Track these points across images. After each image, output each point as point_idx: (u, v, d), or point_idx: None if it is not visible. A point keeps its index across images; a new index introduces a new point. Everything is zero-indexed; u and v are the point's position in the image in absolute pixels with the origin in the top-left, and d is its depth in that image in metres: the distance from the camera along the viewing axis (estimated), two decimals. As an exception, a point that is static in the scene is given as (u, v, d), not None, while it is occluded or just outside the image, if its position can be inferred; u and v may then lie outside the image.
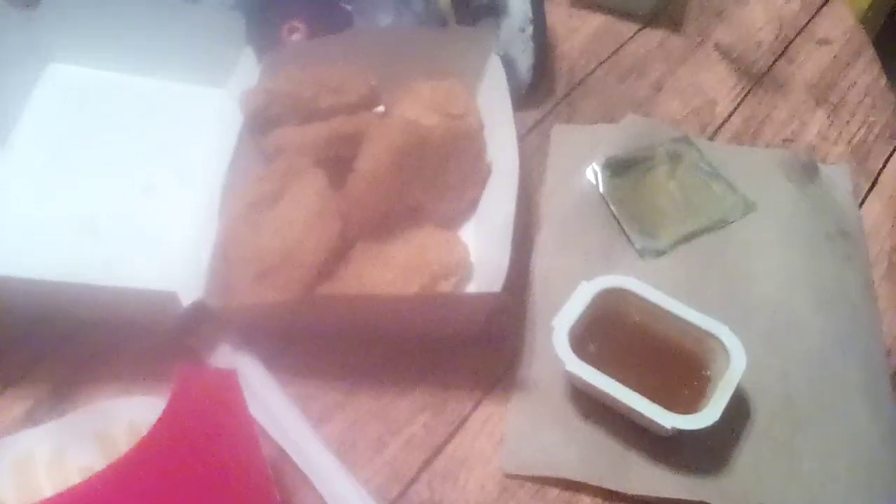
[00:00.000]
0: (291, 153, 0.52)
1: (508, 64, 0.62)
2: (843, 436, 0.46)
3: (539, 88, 0.67)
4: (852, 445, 0.46)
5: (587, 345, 0.47)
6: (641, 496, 0.44)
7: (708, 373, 0.46)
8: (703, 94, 0.69)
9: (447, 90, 0.61)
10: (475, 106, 0.60)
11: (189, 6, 0.62)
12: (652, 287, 0.48)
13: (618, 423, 0.46)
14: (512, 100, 0.56)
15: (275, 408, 0.44)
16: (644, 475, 0.44)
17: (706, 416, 0.43)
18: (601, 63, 0.71)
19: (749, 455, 0.45)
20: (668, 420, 0.42)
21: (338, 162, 0.52)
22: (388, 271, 0.49)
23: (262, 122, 0.55)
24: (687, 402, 0.45)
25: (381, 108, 0.59)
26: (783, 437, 0.46)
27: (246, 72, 0.60)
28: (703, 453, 0.45)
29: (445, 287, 0.50)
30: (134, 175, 0.57)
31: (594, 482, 0.44)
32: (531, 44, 0.64)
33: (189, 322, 0.47)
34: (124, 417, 0.43)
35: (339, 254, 0.49)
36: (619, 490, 0.44)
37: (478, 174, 0.56)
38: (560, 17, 0.74)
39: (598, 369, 0.44)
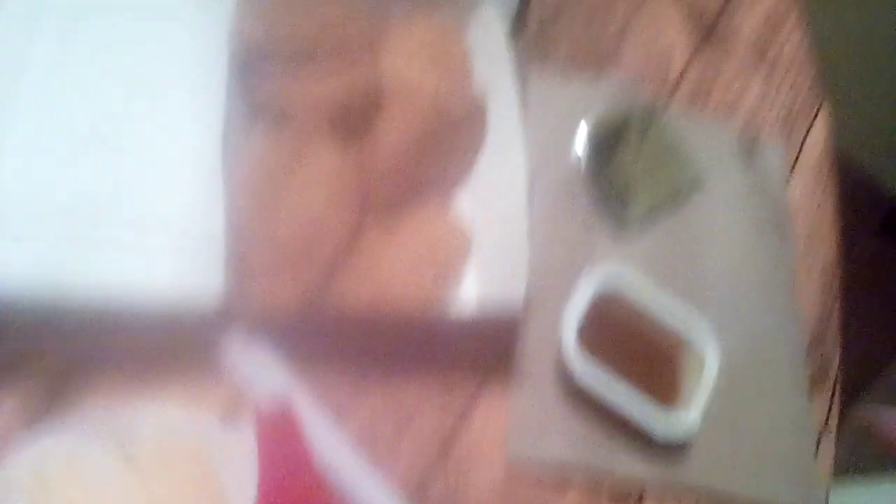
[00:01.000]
0: (299, 115, 0.46)
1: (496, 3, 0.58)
2: (776, 419, 0.55)
3: (517, 25, 0.63)
4: (780, 431, 0.55)
5: (584, 342, 0.50)
6: (626, 477, 0.50)
7: (683, 368, 0.52)
8: (661, 46, 0.69)
9: (438, 32, 0.55)
10: (464, 52, 0.56)
11: None
12: (641, 277, 0.52)
13: (608, 411, 0.50)
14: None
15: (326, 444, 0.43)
16: (628, 459, 0.50)
17: (686, 424, 0.49)
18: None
19: (706, 435, 0.53)
20: (661, 428, 0.48)
21: (350, 123, 0.47)
22: (400, 263, 0.47)
23: (253, 65, 0.47)
24: (665, 393, 0.50)
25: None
26: (729, 418, 0.54)
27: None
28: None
29: (457, 270, 0.49)
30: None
31: (586, 465, 0.49)
32: (519, -19, 0.60)
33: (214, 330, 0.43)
34: (147, 426, 0.39)
35: (355, 236, 0.46)
36: (607, 471, 0.49)
37: (479, 144, 0.54)
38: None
39: (593, 363, 0.48)
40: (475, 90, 0.53)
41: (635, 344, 0.52)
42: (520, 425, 0.49)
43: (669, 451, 0.51)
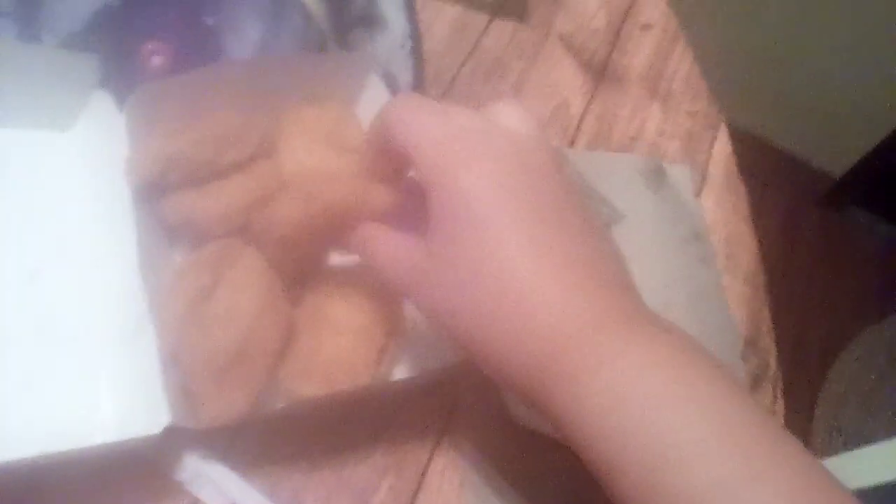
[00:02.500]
0: (213, 229, 0.48)
1: (389, 81, 0.62)
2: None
3: (415, 100, 0.67)
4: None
5: None
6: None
7: None
8: (558, 94, 0.73)
9: (333, 117, 0.59)
10: (359, 131, 0.59)
11: (32, 47, 0.52)
12: None
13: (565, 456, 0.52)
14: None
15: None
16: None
17: None
18: (464, 63, 0.72)
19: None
20: None
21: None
22: (342, 338, 0.49)
23: (154, 189, 0.50)
24: None
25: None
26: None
27: (101, 114, 0.53)
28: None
29: (393, 344, 0.51)
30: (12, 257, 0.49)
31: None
32: (411, 59, 0.64)
33: (163, 450, 0.44)
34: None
35: (292, 332, 0.48)
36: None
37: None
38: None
39: None
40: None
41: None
42: (474, 480, 0.51)
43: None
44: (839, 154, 1.88)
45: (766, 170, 1.94)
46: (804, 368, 1.74)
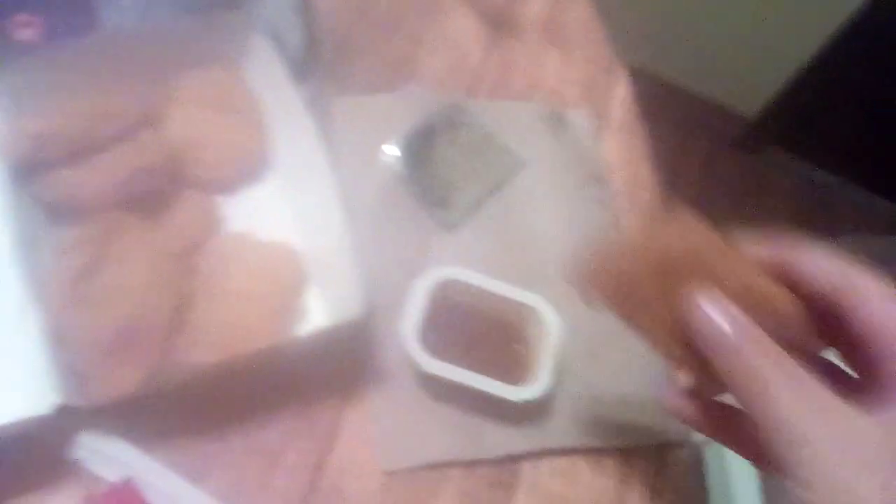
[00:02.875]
0: (96, 206, 0.47)
1: (278, 42, 0.60)
2: (634, 364, 0.59)
3: (306, 62, 0.65)
4: (642, 374, 0.58)
5: (430, 337, 0.52)
6: (498, 458, 0.53)
7: (527, 339, 0.55)
8: (456, 47, 0.73)
9: (219, 80, 0.58)
10: (250, 92, 0.58)
11: None
12: (471, 271, 0.54)
13: (467, 399, 0.53)
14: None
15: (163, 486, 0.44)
16: (496, 440, 0.53)
17: (539, 386, 0.51)
18: (358, 20, 0.71)
19: (566, 399, 0.56)
20: (515, 395, 0.51)
21: (149, 199, 0.49)
22: (237, 308, 0.49)
23: (31, 168, 0.48)
24: (517, 368, 0.53)
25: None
26: (589, 375, 0.57)
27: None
28: (535, 408, 0.55)
29: (295, 303, 0.51)
30: None
31: (457, 458, 0.52)
32: (301, 18, 0.62)
33: (58, 429, 0.43)
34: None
35: (185, 302, 0.47)
36: (479, 458, 0.52)
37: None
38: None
39: (443, 357, 0.51)
40: (266, 125, 0.55)
41: (480, 327, 0.55)
42: (386, 436, 0.52)
43: (536, 421, 0.54)
44: (752, 96, 1.92)
45: (682, 115, 1.98)
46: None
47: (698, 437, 0.44)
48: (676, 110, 1.97)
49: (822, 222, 1.96)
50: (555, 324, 0.54)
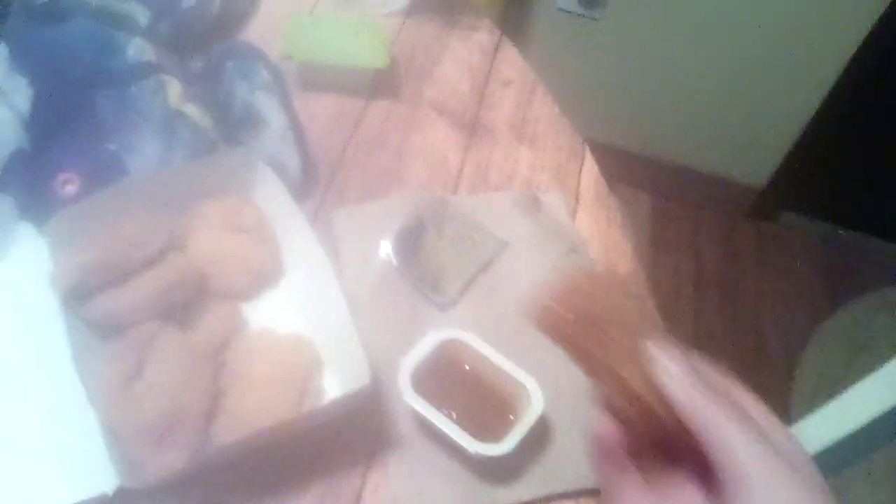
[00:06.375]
0: (135, 320, 0.55)
1: (279, 168, 0.70)
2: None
3: (306, 181, 0.75)
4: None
5: (428, 383, 0.58)
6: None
7: (514, 411, 0.59)
8: (437, 153, 0.83)
9: (232, 206, 0.68)
10: (261, 213, 0.68)
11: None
12: (479, 339, 0.61)
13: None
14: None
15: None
16: (505, 490, 0.58)
17: (504, 446, 0.56)
18: (348, 142, 0.82)
19: (563, 445, 0.61)
20: (473, 447, 0.55)
21: (180, 309, 0.58)
22: (263, 392, 0.56)
23: (78, 294, 0.57)
24: (500, 431, 0.57)
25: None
26: (577, 423, 0.63)
27: (25, 243, 0.61)
28: (535, 460, 0.60)
29: (313, 382, 0.58)
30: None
31: (474, 508, 0.57)
32: (295, 147, 0.73)
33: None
34: None
35: (218, 393, 0.55)
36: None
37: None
38: (296, 104, 0.83)
39: (434, 404, 0.57)
40: (276, 239, 0.64)
41: (474, 387, 0.61)
42: (407, 493, 0.57)
43: (543, 468, 0.60)
44: (759, 165, 1.97)
45: (695, 192, 2.06)
46: (768, 372, 1.80)
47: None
48: (688, 188, 2.04)
49: (847, 280, 1.98)
50: (539, 402, 0.58)
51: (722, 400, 0.37)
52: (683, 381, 0.38)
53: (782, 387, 1.77)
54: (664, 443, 0.39)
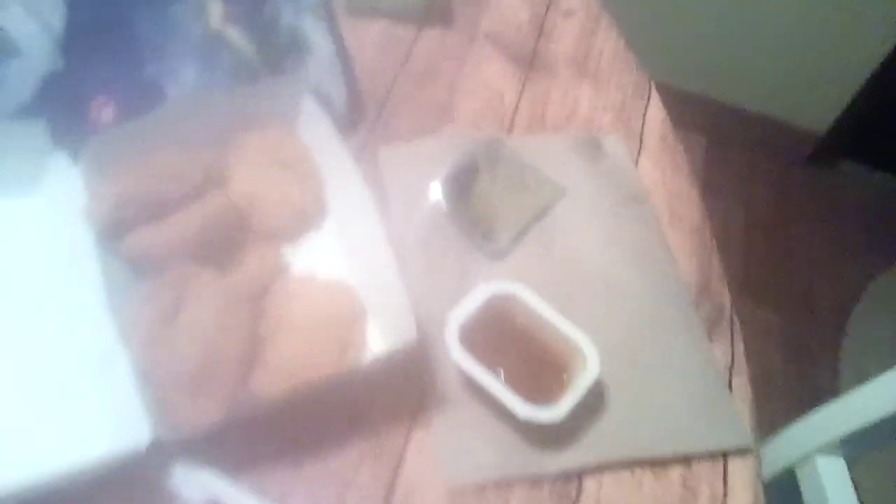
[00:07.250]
0: (172, 258, 0.52)
1: (324, 100, 0.66)
2: (683, 373, 0.60)
3: (352, 114, 0.71)
4: (690, 382, 0.60)
5: (476, 339, 0.55)
6: (557, 473, 0.55)
7: (567, 372, 0.56)
8: (491, 88, 0.77)
9: (275, 140, 0.63)
10: (304, 147, 0.64)
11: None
12: (532, 293, 0.57)
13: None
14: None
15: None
16: (554, 456, 0.55)
17: (556, 412, 0.52)
18: (397, 74, 0.76)
19: (621, 410, 0.58)
20: (524, 412, 0.52)
21: (219, 249, 0.55)
22: (304, 342, 0.53)
23: (113, 229, 0.54)
24: (552, 393, 0.54)
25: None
26: (639, 387, 0.59)
27: (58, 172, 0.58)
28: (588, 426, 0.57)
29: (356, 334, 0.55)
30: None
31: (518, 474, 0.54)
32: (342, 77, 0.68)
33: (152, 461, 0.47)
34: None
35: (256, 340, 0.52)
36: (540, 473, 0.54)
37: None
38: (343, 30, 0.77)
39: (483, 362, 0.53)
40: (319, 177, 0.60)
41: (522, 347, 0.57)
42: (451, 455, 0.54)
43: (591, 436, 0.56)
44: (822, 111, 1.89)
45: (751, 137, 1.97)
46: (818, 324, 1.75)
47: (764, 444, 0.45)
48: (745, 133, 1.96)
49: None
50: (595, 365, 0.55)
51: None
52: None
53: (832, 341, 1.72)
54: None
